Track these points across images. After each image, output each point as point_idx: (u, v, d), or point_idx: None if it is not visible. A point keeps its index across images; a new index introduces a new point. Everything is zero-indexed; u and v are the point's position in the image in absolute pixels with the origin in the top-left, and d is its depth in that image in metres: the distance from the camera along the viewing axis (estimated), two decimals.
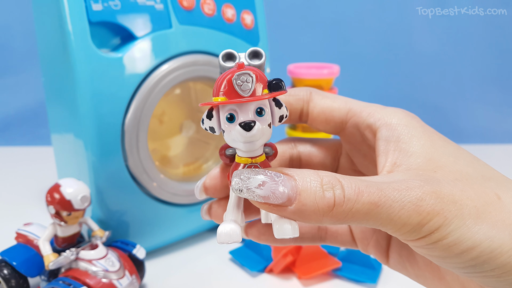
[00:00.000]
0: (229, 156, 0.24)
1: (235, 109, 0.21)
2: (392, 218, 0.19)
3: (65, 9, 0.44)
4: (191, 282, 0.51)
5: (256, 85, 0.20)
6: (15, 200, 0.74)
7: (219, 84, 0.21)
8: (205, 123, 0.22)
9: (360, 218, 0.19)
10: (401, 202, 0.19)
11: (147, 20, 0.48)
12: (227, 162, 0.24)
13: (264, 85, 0.21)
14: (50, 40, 0.49)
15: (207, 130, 0.23)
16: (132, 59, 0.47)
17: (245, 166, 0.22)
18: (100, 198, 0.49)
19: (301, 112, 0.26)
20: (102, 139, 0.47)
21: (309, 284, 0.50)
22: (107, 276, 0.43)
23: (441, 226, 0.19)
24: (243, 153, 0.22)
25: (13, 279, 0.44)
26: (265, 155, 0.23)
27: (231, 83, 0.20)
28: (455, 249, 0.19)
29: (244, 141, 0.21)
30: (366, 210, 0.19)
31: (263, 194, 0.19)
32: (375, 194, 0.19)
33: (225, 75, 0.21)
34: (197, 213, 0.58)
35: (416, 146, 0.22)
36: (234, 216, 0.22)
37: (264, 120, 0.21)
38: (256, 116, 0.21)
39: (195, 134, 0.61)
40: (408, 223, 0.19)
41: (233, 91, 0.20)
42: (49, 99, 0.55)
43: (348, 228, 0.29)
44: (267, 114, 0.21)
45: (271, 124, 0.22)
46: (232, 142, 0.22)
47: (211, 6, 0.53)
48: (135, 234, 0.52)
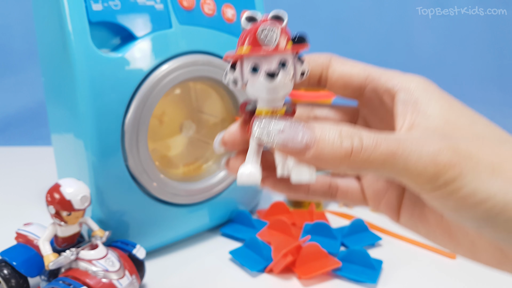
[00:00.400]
0: (250, 111, 0.24)
1: (259, 60, 0.22)
2: (409, 168, 0.20)
3: (65, 9, 0.44)
4: (191, 282, 0.51)
5: (280, 38, 0.21)
6: (15, 200, 0.74)
7: (245, 37, 0.22)
8: (228, 76, 0.23)
9: (377, 167, 0.20)
10: (419, 153, 0.20)
11: (147, 20, 0.48)
12: (247, 118, 0.25)
13: (287, 39, 0.22)
14: (50, 40, 0.49)
15: (229, 84, 0.23)
16: (132, 59, 0.47)
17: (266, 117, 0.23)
18: (100, 198, 0.49)
19: (320, 77, 0.26)
20: (102, 139, 0.47)
21: (309, 284, 0.50)
22: (107, 276, 0.43)
23: (457, 178, 0.20)
24: (265, 103, 0.23)
25: (13, 279, 0.44)
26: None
27: (256, 36, 0.21)
28: (469, 201, 0.20)
29: (268, 90, 0.22)
30: (383, 159, 0.20)
31: (283, 139, 0.20)
32: (393, 144, 0.20)
33: (251, 29, 0.22)
34: (197, 213, 0.58)
35: (434, 108, 0.22)
36: (254, 162, 0.23)
37: (286, 73, 0.22)
38: (279, 67, 0.22)
39: (195, 134, 0.62)
40: (424, 173, 0.20)
41: (258, 44, 0.21)
42: (49, 99, 0.55)
43: (360, 186, 0.29)
44: (290, 67, 0.22)
45: (293, 78, 0.23)
46: (255, 92, 0.22)
47: (211, 6, 0.53)
48: (135, 234, 0.53)
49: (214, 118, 0.62)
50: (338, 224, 0.64)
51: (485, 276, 0.51)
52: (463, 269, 0.53)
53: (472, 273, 0.52)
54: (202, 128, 0.62)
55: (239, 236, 0.59)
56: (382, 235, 0.61)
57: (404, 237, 0.60)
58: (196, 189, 0.57)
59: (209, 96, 0.61)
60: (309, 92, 0.64)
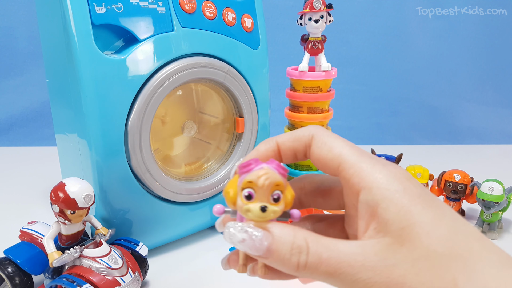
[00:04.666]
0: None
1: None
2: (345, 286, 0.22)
3: (69, 11, 0.44)
4: (193, 279, 0.51)
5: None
6: (19, 199, 0.75)
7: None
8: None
9: (321, 280, 0.23)
10: (353, 277, 0.22)
11: (149, 23, 0.49)
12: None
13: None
14: (54, 42, 0.49)
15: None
16: (135, 61, 0.48)
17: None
18: (103, 196, 0.50)
19: (305, 154, 0.27)
20: (105, 139, 0.48)
21: (309, 281, 0.50)
22: (111, 273, 0.43)
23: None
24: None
25: (17, 276, 0.44)
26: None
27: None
28: None
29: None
30: (323, 277, 0.22)
31: (244, 247, 0.23)
32: (332, 266, 0.22)
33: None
34: (199, 211, 0.59)
35: (392, 213, 0.22)
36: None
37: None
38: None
39: (196, 134, 0.62)
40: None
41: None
42: (53, 100, 0.56)
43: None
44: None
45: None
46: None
47: (212, 10, 0.54)
48: (138, 232, 0.53)
49: (215, 119, 0.63)
50: None
51: None
52: None
53: None
54: (203, 129, 0.63)
55: None
56: None
57: None
58: (198, 188, 0.58)
59: (210, 97, 0.62)
60: (308, 93, 0.65)
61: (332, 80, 0.66)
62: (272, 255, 0.23)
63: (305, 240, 0.23)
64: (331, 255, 0.22)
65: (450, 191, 0.65)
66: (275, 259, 0.23)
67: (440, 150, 1.08)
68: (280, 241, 0.23)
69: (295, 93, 0.66)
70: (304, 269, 0.22)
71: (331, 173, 0.26)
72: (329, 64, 0.64)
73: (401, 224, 0.22)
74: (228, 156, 0.62)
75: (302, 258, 0.22)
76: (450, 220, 0.22)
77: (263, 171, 0.23)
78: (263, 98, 0.62)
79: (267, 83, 0.63)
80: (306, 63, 0.64)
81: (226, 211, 0.26)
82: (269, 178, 0.23)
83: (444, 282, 0.20)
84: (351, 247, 0.22)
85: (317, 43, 0.64)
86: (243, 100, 0.59)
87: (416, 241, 0.21)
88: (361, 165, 0.24)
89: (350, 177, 0.24)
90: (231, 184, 0.25)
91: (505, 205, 0.61)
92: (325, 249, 0.22)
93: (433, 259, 0.21)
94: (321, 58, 0.65)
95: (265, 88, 0.62)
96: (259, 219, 0.24)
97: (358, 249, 0.22)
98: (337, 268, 0.22)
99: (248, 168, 0.24)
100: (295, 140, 0.26)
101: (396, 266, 0.21)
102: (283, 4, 1.16)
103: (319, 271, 0.22)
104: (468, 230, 0.22)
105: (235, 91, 0.58)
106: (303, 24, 0.64)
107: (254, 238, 0.23)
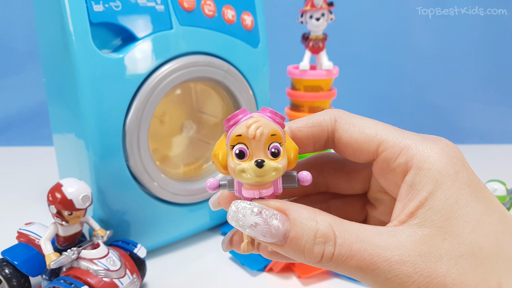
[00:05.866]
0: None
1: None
2: (376, 284, 0.19)
3: (66, 9, 0.44)
4: (192, 281, 0.51)
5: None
6: (16, 200, 0.74)
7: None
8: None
9: (346, 273, 0.19)
10: (388, 274, 0.19)
11: (148, 21, 0.49)
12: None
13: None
14: (52, 41, 0.49)
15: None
16: (133, 59, 0.48)
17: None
18: (101, 197, 0.49)
19: (326, 142, 0.23)
20: (103, 139, 0.47)
21: (308, 283, 0.50)
22: (108, 275, 0.43)
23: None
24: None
25: (15, 278, 0.44)
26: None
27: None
28: None
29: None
30: (351, 271, 0.19)
31: (256, 233, 0.19)
32: (365, 261, 0.19)
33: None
34: (197, 212, 0.59)
35: (438, 200, 0.19)
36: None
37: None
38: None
39: (195, 134, 0.62)
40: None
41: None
42: (50, 99, 0.55)
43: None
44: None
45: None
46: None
47: (212, 7, 0.54)
48: (136, 233, 0.53)
49: (214, 118, 0.62)
50: None
51: None
52: None
53: None
54: (202, 128, 0.63)
55: None
56: None
57: None
58: (197, 189, 0.57)
59: (210, 97, 0.61)
60: (308, 92, 0.64)
61: (333, 79, 0.66)
62: (290, 243, 0.19)
63: (331, 226, 0.19)
64: (363, 247, 0.19)
65: None
66: (292, 248, 0.19)
67: None
68: (301, 226, 0.19)
69: (296, 92, 0.65)
70: (329, 261, 0.19)
71: (365, 158, 0.22)
72: (330, 63, 0.64)
73: (446, 215, 0.19)
74: None
75: (328, 249, 0.19)
76: (499, 216, 0.20)
77: (252, 120, 0.19)
78: (263, 97, 0.62)
79: (267, 82, 0.62)
80: (307, 62, 0.63)
81: (221, 184, 0.22)
82: (261, 126, 0.19)
83: (489, 284, 0.18)
84: (385, 237, 0.19)
85: (318, 41, 0.64)
86: (243, 100, 0.59)
87: (460, 236, 0.19)
88: (407, 142, 0.21)
89: (395, 157, 0.21)
90: (218, 146, 0.21)
91: (508, 205, 0.60)
92: (355, 238, 0.19)
93: (479, 258, 0.18)
94: (322, 57, 0.64)
95: (265, 87, 0.62)
96: (258, 181, 0.19)
97: (394, 240, 0.19)
98: (370, 263, 0.19)
99: (236, 119, 0.20)
100: (314, 125, 0.23)
101: (438, 263, 0.18)
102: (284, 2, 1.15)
103: (347, 265, 0.19)
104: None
105: (234, 90, 0.57)
106: (304, 22, 0.63)
107: (271, 219, 0.19)
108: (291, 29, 1.09)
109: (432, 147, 0.20)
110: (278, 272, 0.52)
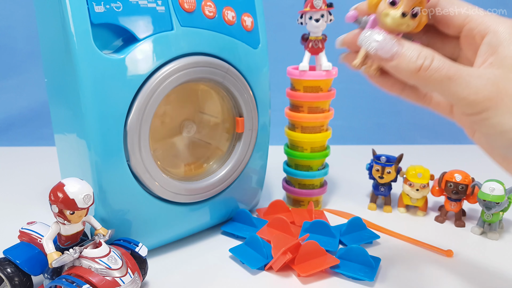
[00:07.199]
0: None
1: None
2: (456, 91, 0.27)
3: (68, 10, 0.44)
4: (193, 280, 0.51)
5: None
6: (18, 199, 0.74)
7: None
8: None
9: (435, 85, 0.28)
10: (467, 83, 0.27)
11: (148, 22, 0.49)
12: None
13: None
14: (53, 41, 0.49)
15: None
16: (134, 60, 0.48)
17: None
18: (103, 197, 0.50)
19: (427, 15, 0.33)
20: (104, 139, 0.48)
21: (308, 282, 0.50)
22: (110, 274, 0.43)
23: (490, 109, 0.27)
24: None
25: (17, 277, 0.44)
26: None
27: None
28: (497, 129, 0.28)
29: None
30: (440, 80, 0.28)
31: (376, 47, 0.29)
32: (452, 71, 0.27)
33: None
34: (198, 211, 0.59)
35: (509, 51, 0.28)
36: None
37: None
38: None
39: (196, 134, 0.62)
40: (466, 98, 0.27)
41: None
42: (52, 99, 0.56)
43: (450, 104, 0.39)
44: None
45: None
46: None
47: (212, 9, 0.54)
48: (137, 232, 0.53)
49: (215, 119, 0.63)
50: (337, 222, 0.65)
51: (482, 274, 0.52)
52: (459, 267, 0.54)
53: (469, 271, 0.53)
54: (203, 129, 0.63)
55: (240, 234, 0.60)
56: (380, 234, 0.62)
57: (402, 235, 0.61)
58: (197, 188, 0.57)
59: (210, 97, 0.61)
60: (308, 93, 0.65)
61: (332, 80, 0.66)
62: (399, 57, 0.29)
63: (432, 52, 0.29)
64: (453, 65, 0.28)
65: (451, 192, 0.65)
66: (400, 61, 0.29)
67: (441, 150, 1.08)
68: (410, 47, 0.29)
69: (296, 92, 0.66)
70: (425, 71, 0.28)
71: (454, 29, 0.32)
72: (330, 64, 0.64)
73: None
74: (227, 156, 0.62)
75: (427, 62, 0.28)
76: None
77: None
78: (263, 98, 0.62)
79: (267, 82, 0.63)
80: (306, 63, 0.64)
81: (358, 20, 0.32)
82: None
83: None
84: (470, 68, 0.28)
85: (317, 42, 0.64)
86: (243, 100, 0.59)
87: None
88: (488, 17, 0.30)
89: (477, 25, 0.30)
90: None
91: (506, 205, 0.61)
92: (449, 62, 0.28)
93: None
94: (322, 58, 0.64)
95: (265, 88, 0.62)
96: (393, 26, 0.29)
97: (475, 69, 0.28)
98: (456, 72, 0.27)
99: None
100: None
101: (509, 81, 0.27)
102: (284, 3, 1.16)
103: (438, 73, 0.27)
104: None
105: (234, 90, 0.58)
106: (304, 23, 0.63)
107: (390, 40, 0.29)
108: (290, 30, 1.09)
109: (504, 21, 0.29)
110: (277, 271, 0.52)
